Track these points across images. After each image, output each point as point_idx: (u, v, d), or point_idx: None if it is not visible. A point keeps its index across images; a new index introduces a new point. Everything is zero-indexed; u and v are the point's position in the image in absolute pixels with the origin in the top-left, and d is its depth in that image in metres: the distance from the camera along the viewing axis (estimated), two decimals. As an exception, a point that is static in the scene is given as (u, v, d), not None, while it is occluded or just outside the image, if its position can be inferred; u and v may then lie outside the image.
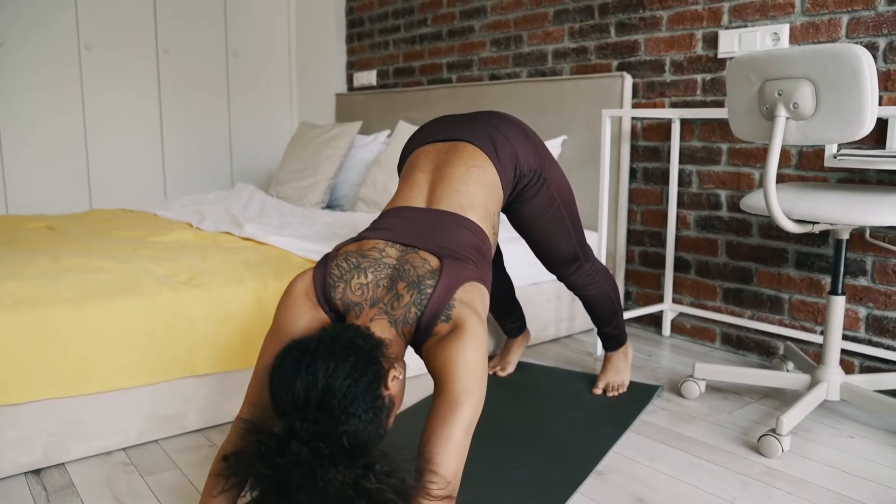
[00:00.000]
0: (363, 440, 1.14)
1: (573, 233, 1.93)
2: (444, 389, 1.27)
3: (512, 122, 1.79)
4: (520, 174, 1.73)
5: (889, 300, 2.20)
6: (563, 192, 1.87)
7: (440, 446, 1.22)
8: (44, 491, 1.63)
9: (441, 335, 1.33)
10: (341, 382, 1.17)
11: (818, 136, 1.71)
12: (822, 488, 1.64)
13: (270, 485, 1.10)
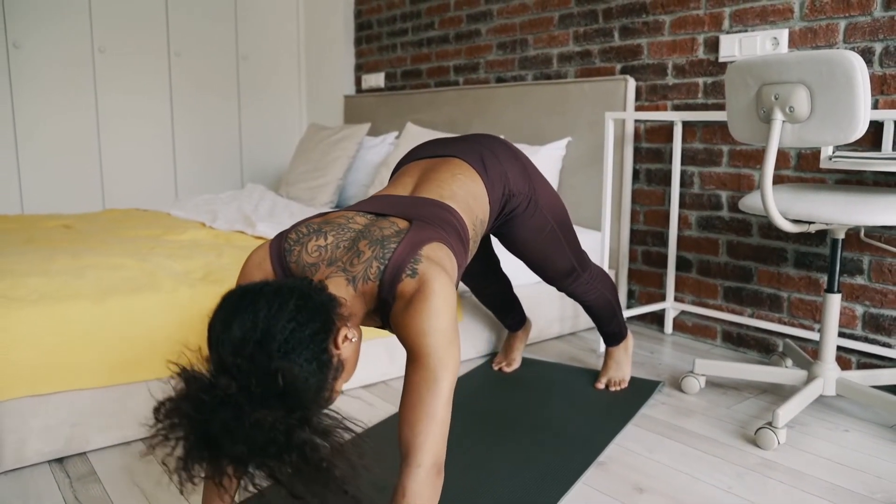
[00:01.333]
0: (301, 387, 1.06)
1: (569, 249, 1.94)
2: (419, 363, 1.22)
3: (502, 144, 1.79)
4: (509, 193, 1.71)
5: (885, 298, 2.26)
6: (556, 212, 1.86)
7: (423, 426, 1.19)
8: (67, 478, 1.71)
9: (407, 298, 1.25)
10: (284, 325, 1.09)
11: (813, 138, 1.77)
12: (816, 479, 1.70)
13: (194, 429, 1.02)
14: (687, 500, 1.60)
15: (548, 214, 1.83)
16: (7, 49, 3.71)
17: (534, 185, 1.78)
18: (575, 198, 3.08)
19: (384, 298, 1.28)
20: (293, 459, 1.01)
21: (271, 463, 1.01)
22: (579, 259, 2.00)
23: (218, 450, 1.01)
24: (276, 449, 1.00)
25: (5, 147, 3.76)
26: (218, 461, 1.02)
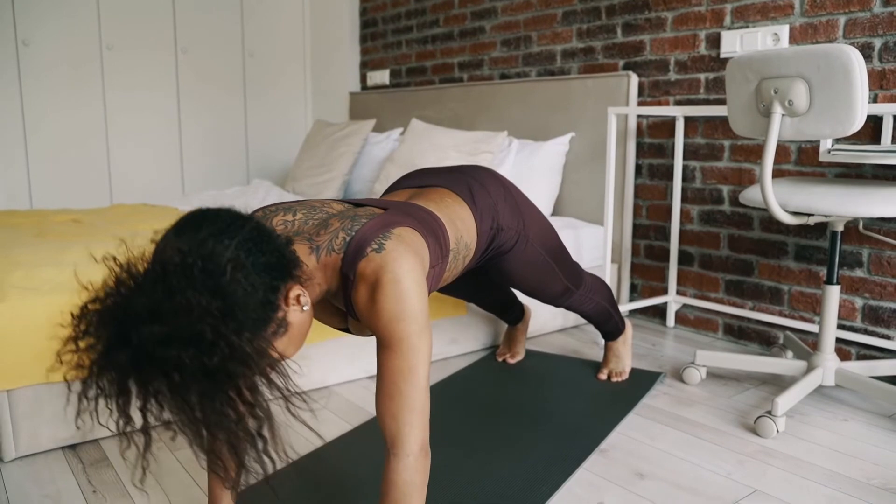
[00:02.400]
0: (241, 300, 1.00)
1: (562, 274, 1.91)
2: (393, 351, 1.19)
3: (491, 176, 1.73)
4: (497, 227, 1.65)
5: (884, 291, 2.29)
6: (547, 242, 1.82)
7: (406, 416, 1.18)
8: (80, 463, 1.74)
9: (372, 281, 1.19)
10: (238, 244, 1.02)
11: (812, 131, 1.80)
12: (814, 465, 1.73)
13: (118, 311, 0.95)
14: (687, 486, 1.63)
15: (538, 248, 1.79)
16: (16, 46, 3.76)
17: (524, 219, 1.73)
18: (578, 193, 3.12)
19: (346, 274, 1.22)
20: (211, 371, 0.94)
21: (187, 368, 0.93)
22: (573, 279, 1.97)
23: (137, 332, 0.93)
24: (198, 345, 0.93)
25: (15, 143, 3.80)
26: (133, 357, 0.94)
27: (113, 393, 0.97)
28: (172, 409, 0.96)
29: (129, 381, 0.95)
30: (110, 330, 0.95)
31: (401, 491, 1.17)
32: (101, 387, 0.98)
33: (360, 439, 1.86)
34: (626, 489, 1.62)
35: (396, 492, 1.17)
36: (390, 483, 1.18)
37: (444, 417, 1.98)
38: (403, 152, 3.28)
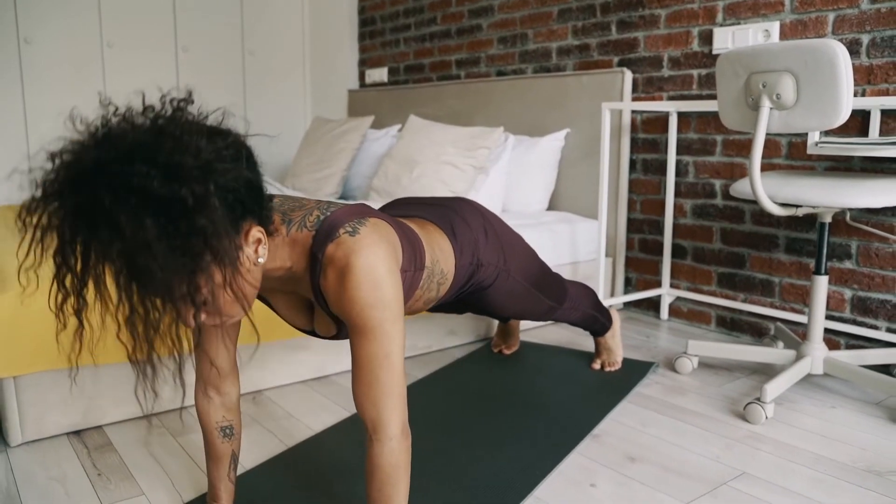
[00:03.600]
0: (229, 177, 0.98)
1: (544, 297, 1.90)
2: (367, 338, 1.17)
3: (474, 209, 1.70)
4: (478, 262, 1.63)
5: (872, 282, 2.33)
6: (529, 271, 1.81)
7: (385, 401, 1.19)
8: (85, 448, 1.79)
9: (341, 266, 1.15)
10: (201, 145, 0.98)
11: (799, 124, 1.84)
12: (802, 450, 1.77)
13: (77, 160, 0.92)
14: (676, 469, 1.68)
15: (520, 279, 1.77)
16: (18, 44, 3.80)
17: (505, 252, 1.70)
18: (574, 188, 3.16)
19: (315, 254, 1.18)
20: (181, 202, 0.91)
21: (167, 211, 0.91)
22: (557, 298, 1.97)
23: (123, 164, 0.90)
24: (179, 184, 0.91)
25: (16, 140, 3.84)
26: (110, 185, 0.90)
27: (74, 234, 0.92)
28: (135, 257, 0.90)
29: (99, 219, 0.90)
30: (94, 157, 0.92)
31: (386, 473, 1.20)
32: (62, 232, 0.92)
33: (355, 426, 1.90)
34: (618, 472, 1.66)
35: (382, 474, 1.20)
36: (376, 467, 1.20)
37: (442, 405, 2.02)
38: (402, 148, 3.33)
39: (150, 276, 0.91)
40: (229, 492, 1.44)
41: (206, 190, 0.94)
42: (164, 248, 0.91)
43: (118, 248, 0.89)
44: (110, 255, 0.91)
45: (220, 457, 1.42)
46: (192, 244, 0.93)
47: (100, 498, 1.55)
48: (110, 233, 0.89)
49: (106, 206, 0.89)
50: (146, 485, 1.61)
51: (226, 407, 1.41)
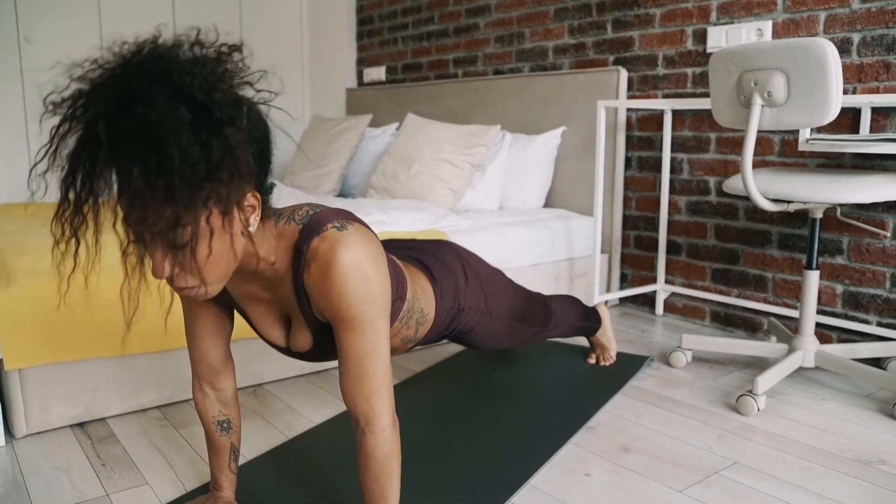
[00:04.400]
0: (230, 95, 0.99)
1: (529, 326, 1.89)
2: (356, 333, 1.17)
3: (452, 252, 1.67)
4: (458, 307, 1.61)
5: (863, 277, 2.37)
6: (512, 307, 1.79)
7: (376, 395, 1.20)
8: (89, 440, 1.82)
9: (330, 257, 1.14)
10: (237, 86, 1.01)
11: (790, 121, 1.88)
12: (792, 440, 1.81)
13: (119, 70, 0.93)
14: (669, 458, 1.71)
15: (503, 318, 1.75)
16: (19, 43, 3.82)
17: (486, 294, 1.68)
18: (570, 185, 3.20)
19: (300, 248, 1.17)
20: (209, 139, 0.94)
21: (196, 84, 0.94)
22: (542, 321, 1.95)
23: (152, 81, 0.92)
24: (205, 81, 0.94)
25: (17, 139, 3.87)
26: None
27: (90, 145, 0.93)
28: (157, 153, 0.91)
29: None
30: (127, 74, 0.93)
31: (381, 463, 1.22)
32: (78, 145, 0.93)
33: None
34: (612, 461, 1.70)
35: (377, 465, 1.22)
36: (370, 458, 1.22)
37: (441, 398, 2.06)
38: (399, 146, 3.36)
39: (167, 168, 0.91)
40: (231, 481, 1.47)
41: (238, 112, 0.97)
42: (190, 138, 0.91)
43: (148, 126, 0.90)
44: (135, 138, 0.90)
45: (219, 449, 1.45)
46: (214, 151, 0.94)
47: (105, 488, 1.58)
48: (144, 109, 0.90)
49: (143, 89, 0.90)
50: (150, 475, 1.64)
51: (221, 402, 1.44)
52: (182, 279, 1.03)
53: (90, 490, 1.57)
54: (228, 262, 1.07)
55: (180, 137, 0.90)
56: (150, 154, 0.90)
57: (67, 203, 0.96)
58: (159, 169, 0.91)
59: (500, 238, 2.73)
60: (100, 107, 0.91)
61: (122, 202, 0.95)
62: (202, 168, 0.93)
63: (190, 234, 0.98)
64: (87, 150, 0.92)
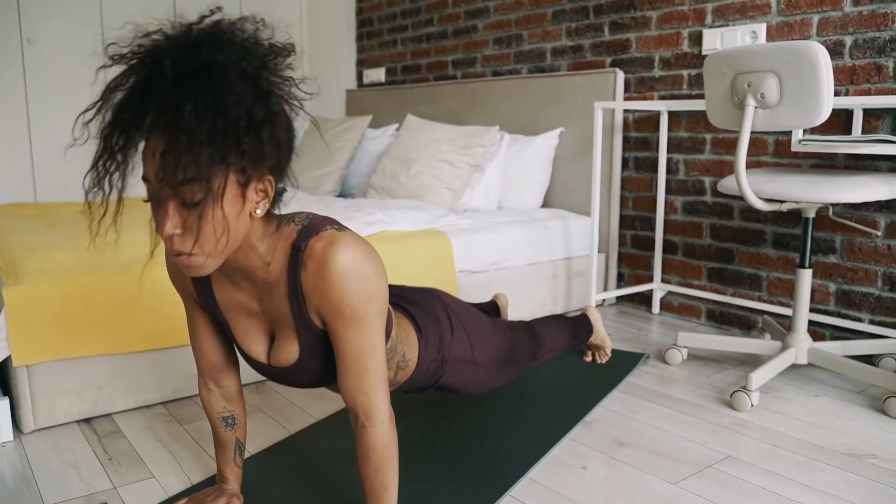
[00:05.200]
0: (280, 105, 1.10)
1: (518, 362, 1.85)
2: (355, 329, 1.20)
3: (438, 301, 1.64)
4: (443, 358, 1.58)
5: (856, 275, 2.41)
6: (499, 352, 1.75)
7: (375, 390, 1.23)
8: (95, 435, 1.85)
9: (328, 253, 1.16)
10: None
11: (782, 122, 1.92)
12: (785, 435, 1.85)
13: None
14: (664, 452, 1.75)
15: (491, 365, 1.72)
16: (21, 45, 3.86)
17: (472, 342, 1.64)
18: (567, 185, 3.24)
19: (297, 247, 1.19)
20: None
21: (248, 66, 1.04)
22: (531, 354, 1.91)
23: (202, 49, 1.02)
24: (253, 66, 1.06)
25: (20, 139, 3.91)
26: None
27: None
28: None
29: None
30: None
31: (381, 455, 1.26)
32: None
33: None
34: (608, 455, 1.74)
35: (378, 457, 1.25)
36: (370, 451, 1.25)
37: (440, 393, 2.09)
38: (399, 146, 3.40)
39: (217, 109, 0.99)
40: (236, 475, 1.50)
41: (277, 96, 1.09)
42: (240, 92, 1.01)
43: (210, 68, 1.00)
44: (195, 77, 0.99)
45: (225, 443, 1.49)
46: (256, 112, 1.03)
47: (112, 481, 1.62)
48: (209, 54, 1.01)
49: (208, 42, 1.03)
50: (156, 468, 1.68)
51: (226, 398, 1.47)
52: (181, 242, 1.06)
53: (98, 483, 1.60)
54: (228, 238, 1.09)
55: (234, 87, 1.00)
56: (206, 93, 0.98)
57: (108, 147, 1.03)
58: (210, 108, 0.98)
59: (499, 237, 2.77)
60: (168, 51, 1.01)
61: (161, 143, 1.01)
62: (243, 123, 1.02)
63: (204, 194, 1.03)
64: (148, 84, 1.00)
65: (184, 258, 1.08)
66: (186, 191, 1.02)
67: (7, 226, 2.52)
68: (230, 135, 1.01)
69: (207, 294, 1.32)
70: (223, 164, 1.02)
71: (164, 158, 1.00)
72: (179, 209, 1.04)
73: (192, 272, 1.10)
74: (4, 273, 1.91)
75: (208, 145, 0.99)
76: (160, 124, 0.99)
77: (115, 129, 1.02)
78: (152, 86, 0.99)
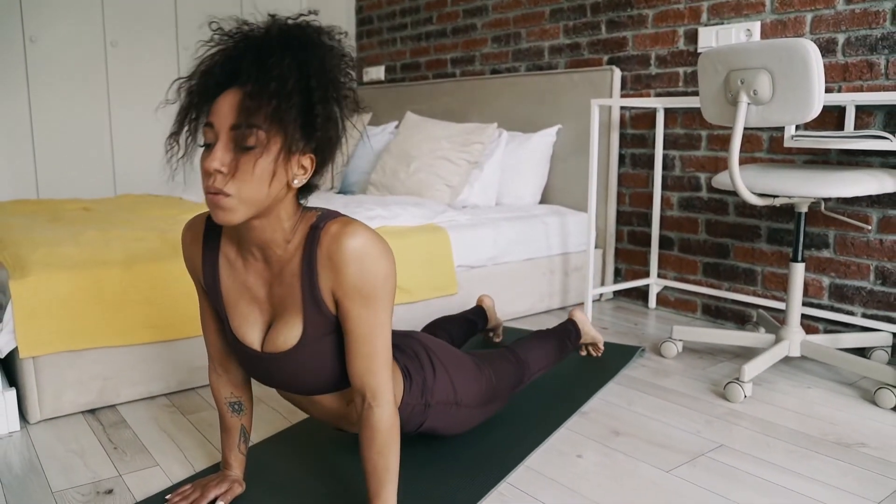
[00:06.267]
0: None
1: (503, 393, 1.79)
2: (368, 309, 1.25)
3: (418, 344, 1.63)
4: (426, 403, 1.56)
5: (848, 270, 2.44)
6: (482, 391, 1.70)
7: (384, 372, 1.28)
8: (100, 425, 1.89)
9: (344, 235, 1.23)
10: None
11: (775, 118, 1.95)
12: (776, 425, 1.89)
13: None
14: (658, 441, 1.79)
15: (474, 405, 1.68)
16: (24, 43, 3.89)
17: (454, 384, 1.62)
18: (565, 182, 3.27)
19: (315, 226, 1.26)
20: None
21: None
22: (517, 381, 1.86)
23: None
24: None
25: (22, 136, 3.94)
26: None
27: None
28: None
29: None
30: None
31: (386, 435, 1.30)
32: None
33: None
34: (603, 444, 1.77)
35: (383, 437, 1.30)
36: (376, 430, 1.29)
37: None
38: (399, 143, 3.43)
39: (303, 72, 1.17)
40: (240, 461, 1.54)
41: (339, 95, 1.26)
42: (323, 70, 1.21)
43: (302, 38, 1.22)
44: (288, 39, 1.19)
45: (230, 429, 1.53)
46: (329, 91, 1.21)
47: (117, 469, 1.65)
48: (307, 37, 1.23)
49: (296, 29, 1.24)
50: (160, 457, 1.71)
51: (233, 384, 1.51)
52: (223, 180, 1.16)
53: (103, 471, 1.64)
54: (262, 193, 1.18)
55: (320, 68, 1.19)
56: (297, 60, 1.17)
57: (191, 103, 1.21)
58: (296, 73, 1.16)
59: (497, 233, 2.80)
60: (272, 26, 1.23)
61: (238, 93, 1.17)
62: (315, 99, 1.18)
63: (255, 143, 1.15)
64: (246, 44, 1.20)
65: (220, 197, 1.16)
66: (243, 134, 1.14)
67: (11, 222, 2.55)
68: (300, 103, 1.16)
69: (213, 278, 1.36)
70: (282, 124, 1.15)
71: (240, 104, 1.15)
72: (231, 150, 1.15)
73: (221, 214, 1.17)
74: (11, 267, 1.94)
75: (283, 100, 1.14)
76: (251, 71, 1.15)
77: (203, 84, 1.20)
78: (251, 45, 1.18)
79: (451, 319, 2.28)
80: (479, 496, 1.50)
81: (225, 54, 1.20)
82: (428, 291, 2.57)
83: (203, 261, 1.37)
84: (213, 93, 1.20)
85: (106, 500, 1.51)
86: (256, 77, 1.14)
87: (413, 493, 1.51)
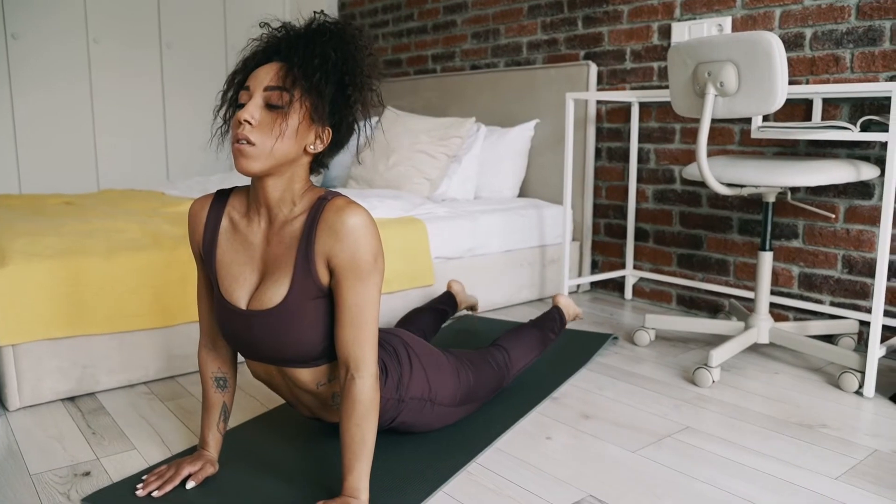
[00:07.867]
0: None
1: (484, 393, 1.84)
2: (362, 282, 1.34)
3: (400, 340, 1.67)
4: (399, 397, 1.60)
5: (817, 259, 2.50)
6: (458, 389, 1.73)
7: (370, 343, 1.36)
8: (80, 412, 1.92)
9: (349, 209, 1.33)
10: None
11: (741, 110, 2.00)
12: (743, 408, 1.94)
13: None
14: (626, 424, 1.83)
15: (451, 404, 1.72)
16: (6, 40, 3.90)
17: (430, 381, 1.65)
18: (543, 175, 3.32)
19: (323, 197, 1.38)
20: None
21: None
22: (500, 379, 1.89)
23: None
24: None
25: (4, 133, 3.95)
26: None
27: None
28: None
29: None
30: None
31: (365, 407, 1.35)
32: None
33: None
34: (572, 427, 1.82)
35: (362, 408, 1.35)
36: (357, 402, 1.35)
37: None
38: (379, 138, 3.47)
39: (338, 53, 1.35)
40: (217, 441, 1.57)
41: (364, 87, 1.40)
42: (353, 57, 1.37)
43: (339, 30, 1.39)
44: (325, 28, 1.38)
45: (212, 406, 1.57)
46: (355, 77, 1.37)
47: (95, 452, 1.68)
48: (342, 30, 1.39)
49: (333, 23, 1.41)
50: (138, 441, 1.74)
51: (220, 360, 1.58)
52: (250, 131, 1.31)
53: (81, 454, 1.67)
54: (282, 149, 1.33)
55: (351, 57, 1.36)
56: (333, 44, 1.35)
57: (232, 80, 1.41)
58: (332, 54, 1.34)
59: (475, 225, 2.85)
60: (307, 19, 1.42)
61: (276, 65, 1.35)
62: (348, 80, 1.35)
63: (283, 103, 1.31)
64: (286, 34, 1.40)
65: (244, 146, 1.30)
66: (275, 94, 1.31)
67: (-8, 214, 2.57)
68: (337, 81, 1.34)
69: (212, 243, 1.46)
70: (318, 94, 1.32)
71: (282, 70, 1.32)
72: (263, 108, 1.32)
73: (243, 162, 1.31)
74: (-10, 257, 1.97)
75: (325, 75, 1.32)
76: (298, 47, 1.34)
77: (252, 56, 1.40)
78: (297, 31, 1.38)
79: (421, 311, 2.32)
80: (448, 475, 1.54)
81: (271, 36, 1.40)
82: (405, 282, 2.61)
83: (205, 226, 1.48)
84: (259, 62, 1.39)
85: (83, 482, 1.54)
86: (303, 53, 1.32)
87: (384, 470, 1.55)
